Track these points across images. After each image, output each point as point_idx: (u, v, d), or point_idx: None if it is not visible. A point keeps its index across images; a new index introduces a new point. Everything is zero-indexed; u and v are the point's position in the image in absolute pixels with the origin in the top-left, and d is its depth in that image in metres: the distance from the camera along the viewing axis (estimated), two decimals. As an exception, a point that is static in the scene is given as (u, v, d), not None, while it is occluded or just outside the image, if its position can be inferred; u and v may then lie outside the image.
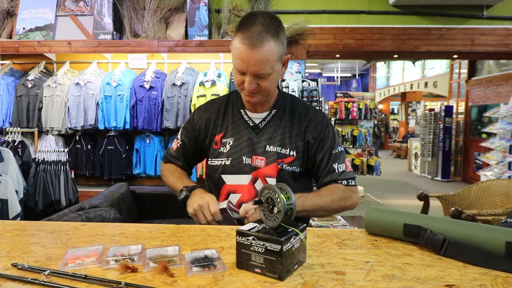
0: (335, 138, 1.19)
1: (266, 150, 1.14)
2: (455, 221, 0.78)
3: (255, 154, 1.14)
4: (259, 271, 0.65)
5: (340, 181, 1.14)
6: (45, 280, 0.62)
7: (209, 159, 1.21)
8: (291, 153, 1.14)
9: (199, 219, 1.06)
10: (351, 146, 5.20)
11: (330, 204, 1.10)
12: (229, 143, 1.17)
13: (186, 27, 3.75)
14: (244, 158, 1.14)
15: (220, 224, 1.03)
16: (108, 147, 3.71)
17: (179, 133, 1.29)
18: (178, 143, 1.28)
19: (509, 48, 4.15)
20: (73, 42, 3.63)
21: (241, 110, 1.19)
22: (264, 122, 1.17)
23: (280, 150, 1.14)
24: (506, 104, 5.69)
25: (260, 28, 0.98)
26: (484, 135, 6.90)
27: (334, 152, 1.16)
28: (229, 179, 1.16)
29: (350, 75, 15.68)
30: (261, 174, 1.13)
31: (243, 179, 1.14)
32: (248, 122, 1.18)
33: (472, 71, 7.67)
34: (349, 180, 1.15)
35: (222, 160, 1.16)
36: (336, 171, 1.14)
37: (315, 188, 1.22)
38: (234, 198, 1.15)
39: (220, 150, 1.17)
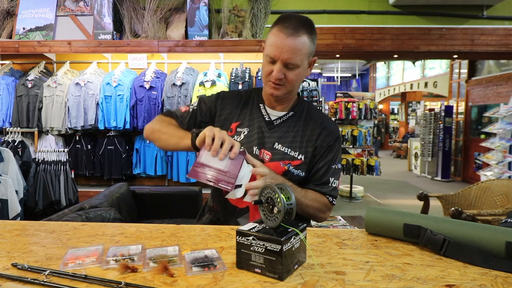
0: (338, 154, 1.21)
1: (274, 147, 1.15)
2: (455, 221, 0.78)
3: (263, 147, 1.16)
4: (259, 271, 0.65)
5: (328, 196, 1.17)
6: (45, 280, 0.62)
7: None
8: (300, 156, 1.15)
9: (210, 145, 0.92)
10: (351, 146, 5.20)
11: (308, 207, 1.11)
12: (244, 132, 1.18)
13: (186, 27, 3.75)
14: (254, 148, 1.15)
15: (217, 184, 0.89)
16: (108, 147, 3.71)
17: (192, 102, 1.27)
18: (189, 108, 1.25)
19: (509, 48, 4.15)
20: (73, 42, 3.63)
21: (260, 104, 1.22)
22: (279, 121, 1.19)
23: (289, 152, 1.15)
24: (506, 104, 5.69)
25: (299, 22, 1.05)
26: (483, 136, 6.90)
27: (333, 166, 1.18)
28: None
29: (350, 75, 15.68)
30: None
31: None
32: (265, 116, 1.20)
33: (472, 71, 7.67)
34: (334, 199, 1.19)
35: None
36: (330, 185, 1.17)
37: None
38: None
39: (234, 138, 1.18)
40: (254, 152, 1.15)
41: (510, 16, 4.14)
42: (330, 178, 1.17)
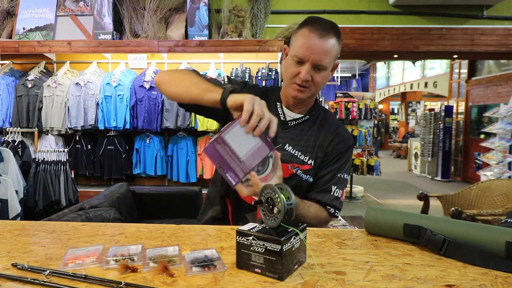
0: (348, 163, 1.19)
1: (285, 148, 1.13)
2: (455, 221, 0.78)
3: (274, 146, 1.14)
4: (259, 271, 0.65)
5: (329, 208, 1.14)
6: (45, 280, 0.62)
7: None
8: (310, 161, 1.13)
9: (245, 121, 0.82)
10: (351, 146, 5.20)
11: (311, 218, 1.09)
12: None
13: (186, 27, 3.75)
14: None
15: (225, 174, 0.83)
16: (108, 147, 3.71)
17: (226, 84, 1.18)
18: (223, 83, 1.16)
19: (509, 48, 4.15)
20: (73, 42, 3.63)
21: (277, 103, 1.20)
22: (293, 122, 1.17)
23: (299, 155, 1.13)
24: (506, 104, 5.69)
25: (329, 25, 1.05)
26: (482, 136, 6.90)
27: (339, 175, 1.16)
28: None
29: (350, 75, 15.69)
30: None
31: None
32: (280, 115, 1.18)
33: (472, 71, 7.67)
34: (336, 211, 1.16)
35: None
36: (331, 194, 1.14)
37: None
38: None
39: None
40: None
41: (510, 16, 4.14)
42: (333, 187, 1.14)
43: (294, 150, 1.13)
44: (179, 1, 3.84)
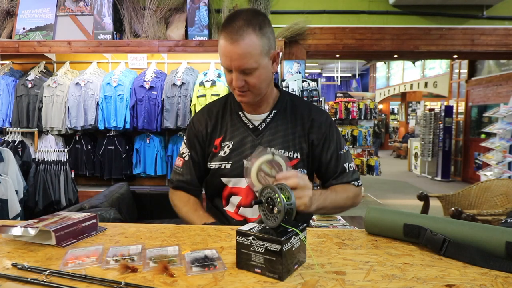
0: (340, 138, 1.18)
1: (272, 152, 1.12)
2: (455, 221, 0.78)
3: None
4: (259, 271, 0.65)
5: (352, 182, 1.16)
6: (45, 280, 0.62)
7: (208, 162, 1.17)
8: (295, 155, 1.12)
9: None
10: (351, 146, 5.21)
11: (345, 202, 1.11)
12: (228, 146, 1.13)
13: (186, 27, 3.75)
14: (245, 161, 1.10)
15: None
16: (108, 147, 3.71)
17: (181, 148, 1.22)
18: (183, 157, 1.21)
19: (509, 48, 4.15)
20: (73, 42, 3.63)
21: (240, 112, 1.16)
22: (264, 124, 1.14)
23: (284, 153, 1.11)
24: (506, 104, 5.69)
25: (241, 23, 0.97)
26: (483, 135, 6.90)
27: (341, 152, 1.16)
28: (231, 182, 1.13)
29: (350, 75, 15.69)
30: None
31: (243, 182, 1.11)
32: (248, 124, 1.14)
33: (472, 71, 7.67)
34: (358, 181, 1.18)
35: (221, 164, 1.13)
36: (347, 171, 1.15)
37: (315, 188, 1.20)
38: (235, 200, 1.14)
39: (219, 154, 1.14)
40: (245, 165, 1.09)
41: (510, 16, 4.14)
42: (345, 165, 1.15)
43: (276, 150, 1.10)
44: (179, 1, 3.84)
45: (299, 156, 1.12)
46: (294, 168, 1.11)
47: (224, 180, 1.14)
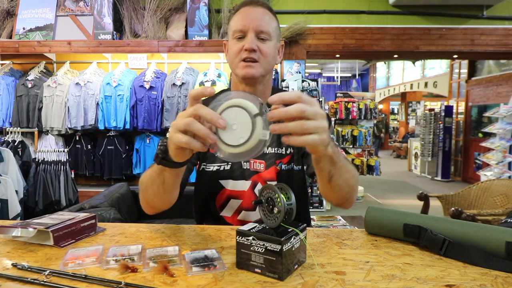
0: (331, 131, 1.13)
1: (265, 152, 1.08)
2: (455, 221, 0.78)
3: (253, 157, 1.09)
4: (259, 271, 0.65)
5: None
6: (45, 280, 0.62)
7: (203, 163, 1.12)
8: (288, 151, 1.10)
9: (194, 129, 0.63)
10: (351, 146, 5.21)
11: (353, 174, 0.87)
12: None
13: (186, 27, 3.75)
14: (243, 162, 1.08)
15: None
16: (108, 147, 3.71)
17: None
18: None
19: (509, 48, 4.15)
20: (73, 42, 3.63)
21: None
22: None
23: (278, 150, 1.09)
24: (506, 104, 5.69)
25: (258, 2, 1.04)
26: (480, 135, 6.90)
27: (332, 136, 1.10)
28: (229, 185, 1.10)
29: (350, 75, 15.68)
30: (261, 179, 1.08)
31: (243, 185, 1.08)
32: None
33: (472, 71, 7.67)
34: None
35: (220, 165, 1.10)
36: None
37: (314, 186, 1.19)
38: (235, 203, 1.10)
39: (217, 155, 1.10)
40: (243, 167, 1.08)
41: (510, 16, 4.14)
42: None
43: (273, 149, 1.08)
44: (179, 1, 3.84)
45: (291, 151, 1.10)
46: (288, 164, 1.08)
47: (222, 182, 1.10)
